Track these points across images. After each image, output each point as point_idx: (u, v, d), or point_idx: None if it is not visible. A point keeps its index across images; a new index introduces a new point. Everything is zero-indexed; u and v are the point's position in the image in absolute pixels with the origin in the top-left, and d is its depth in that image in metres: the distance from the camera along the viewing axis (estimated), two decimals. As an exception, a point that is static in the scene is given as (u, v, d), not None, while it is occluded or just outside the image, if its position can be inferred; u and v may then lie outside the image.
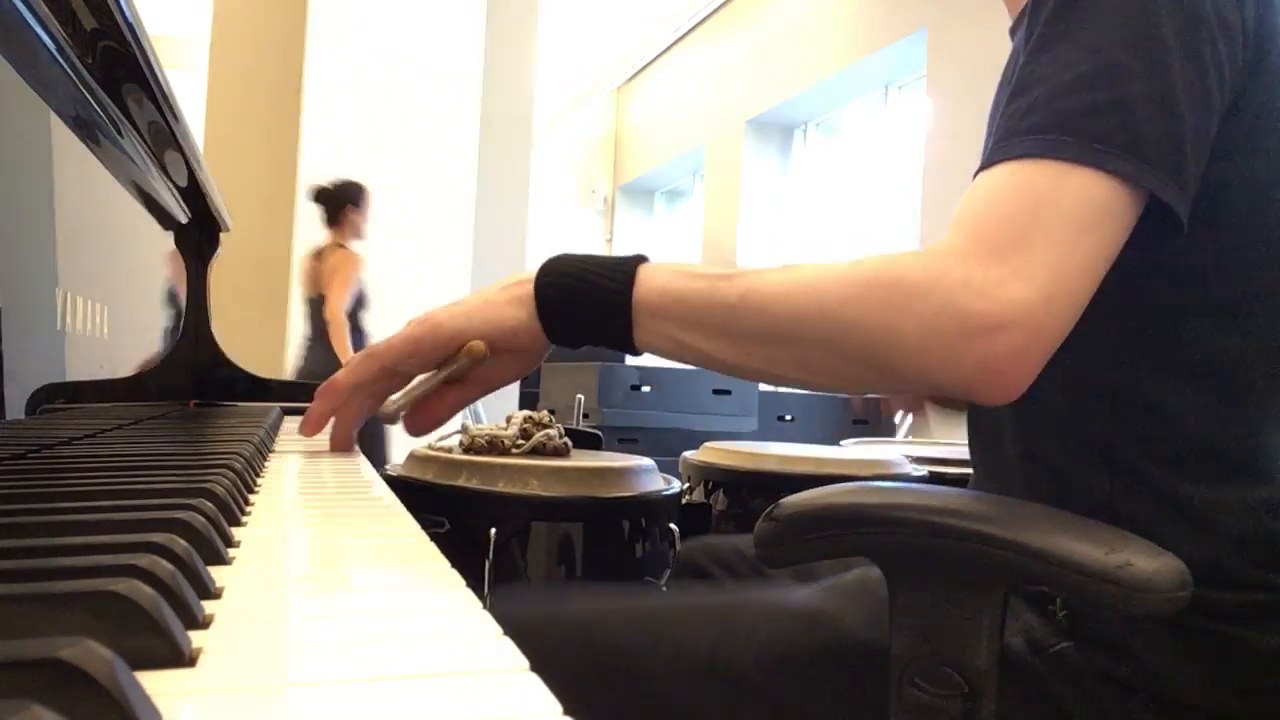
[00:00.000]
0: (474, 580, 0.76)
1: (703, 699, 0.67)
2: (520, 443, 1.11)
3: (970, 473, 0.79)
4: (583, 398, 3.17)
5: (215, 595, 0.30)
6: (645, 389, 3.21)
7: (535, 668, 0.23)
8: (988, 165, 0.57)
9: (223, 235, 1.33)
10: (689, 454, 1.45)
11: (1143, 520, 0.60)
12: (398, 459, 1.18)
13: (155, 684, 0.21)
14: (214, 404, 1.29)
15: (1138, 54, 0.54)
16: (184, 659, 0.23)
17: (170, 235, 1.21)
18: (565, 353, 0.87)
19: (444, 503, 1.04)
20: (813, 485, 0.59)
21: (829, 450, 1.50)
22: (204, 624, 0.26)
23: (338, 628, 0.28)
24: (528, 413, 1.16)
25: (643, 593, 0.93)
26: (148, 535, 0.30)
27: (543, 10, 5.25)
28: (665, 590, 0.99)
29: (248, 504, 0.47)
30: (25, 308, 0.62)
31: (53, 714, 0.16)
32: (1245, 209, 0.61)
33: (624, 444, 2.95)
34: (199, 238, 1.28)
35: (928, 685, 0.53)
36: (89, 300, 0.77)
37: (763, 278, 0.59)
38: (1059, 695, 0.62)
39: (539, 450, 1.11)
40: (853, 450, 1.61)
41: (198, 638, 0.25)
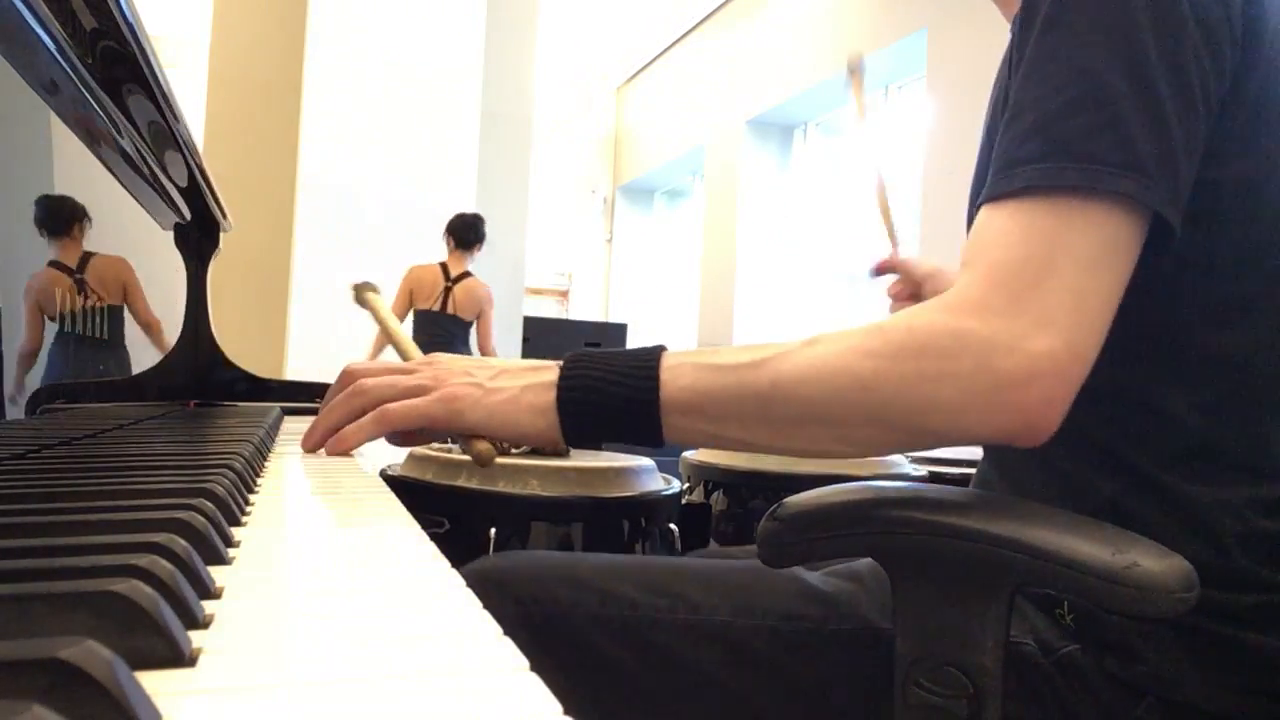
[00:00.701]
0: (474, 580, 0.76)
1: (716, 667, 0.67)
2: (520, 442, 1.11)
3: (970, 473, 0.79)
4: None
5: (215, 595, 0.29)
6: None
7: (552, 616, 0.23)
8: (994, 198, 0.58)
9: (222, 235, 1.33)
10: (689, 454, 1.45)
11: (1146, 521, 0.60)
12: (396, 459, 1.18)
13: (155, 684, 0.21)
14: (214, 404, 1.29)
15: (1123, 72, 0.56)
16: (184, 659, 0.23)
17: (170, 235, 1.22)
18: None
19: (444, 503, 1.04)
20: (813, 485, 0.59)
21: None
22: (204, 624, 0.26)
23: (337, 627, 0.28)
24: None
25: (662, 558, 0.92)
26: (148, 535, 0.30)
27: (543, 10, 5.25)
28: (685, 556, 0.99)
29: (248, 504, 0.47)
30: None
31: (53, 714, 0.16)
32: (1242, 209, 0.60)
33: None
34: (199, 237, 1.28)
35: (933, 685, 0.52)
36: (89, 300, 0.77)
37: (789, 361, 0.59)
38: (1067, 698, 0.62)
39: (539, 450, 1.11)
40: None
41: (198, 638, 0.25)
